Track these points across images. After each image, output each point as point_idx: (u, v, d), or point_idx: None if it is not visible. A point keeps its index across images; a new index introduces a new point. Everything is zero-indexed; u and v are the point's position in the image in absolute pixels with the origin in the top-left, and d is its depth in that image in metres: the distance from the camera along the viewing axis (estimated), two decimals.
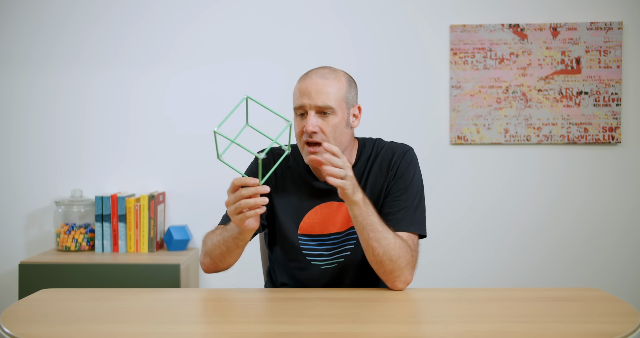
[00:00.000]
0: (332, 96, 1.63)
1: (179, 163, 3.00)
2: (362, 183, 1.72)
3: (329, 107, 1.63)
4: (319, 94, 1.62)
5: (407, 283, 1.62)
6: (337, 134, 1.65)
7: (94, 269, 2.63)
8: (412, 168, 1.72)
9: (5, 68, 3.01)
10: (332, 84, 1.64)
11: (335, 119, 1.64)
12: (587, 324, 1.34)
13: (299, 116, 1.66)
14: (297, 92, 1.66)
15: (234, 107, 1.47)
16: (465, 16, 2.93)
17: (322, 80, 1.64)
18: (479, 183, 2.96)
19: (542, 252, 2.95)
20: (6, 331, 1.31)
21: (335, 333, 1.28)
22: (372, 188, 1.73)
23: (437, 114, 2.95)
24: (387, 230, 1.58)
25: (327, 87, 1.63)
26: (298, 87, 1.66)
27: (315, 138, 1.62)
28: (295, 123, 1.67)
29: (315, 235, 1.73)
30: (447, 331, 1.31)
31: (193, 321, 1.39)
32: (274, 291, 1.71)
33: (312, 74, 1.66)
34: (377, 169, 1.73)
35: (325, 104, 1.62)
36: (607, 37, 2.88)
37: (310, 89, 1.63)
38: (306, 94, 1.63)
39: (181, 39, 2.99)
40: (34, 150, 3.02)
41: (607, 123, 2.89)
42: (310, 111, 1.63)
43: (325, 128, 1.63)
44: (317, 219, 1.73)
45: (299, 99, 1.64)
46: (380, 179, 1.72)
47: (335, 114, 1.64)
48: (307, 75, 1.67)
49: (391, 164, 1.72)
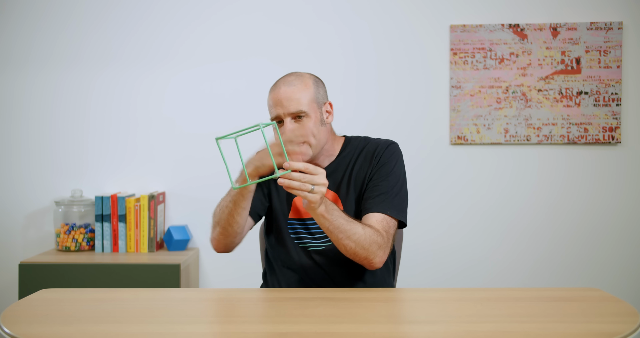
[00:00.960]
0: (303, 100, 1.74)
1: (179, 163, 3.00)
2: (347, 172, 1.82)
3: (302, 112, 1.73)
4: (290, 102, 1.73)
5: (382, 262, 1.69)
6: (315, 133, 1.75)
7: (94, 269, 2.63)
8: (394, 158, 1.81)
9: (5, 68, 3.01)
10: (300, 90, 1.75)
11: (309, 121, 1.74)
12: (587, 324, 1.34)
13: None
14: (270, 103, 1.76)
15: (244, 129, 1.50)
16: (465, 16, 2.93)
17: (290, 88, 1.74)
18: (479, 183, 2.96)
19: (542, 252, 2.95)
20: (6, 331, 1.31)
21: (335, 333, 1.28)
22: (357, 177, 1.82)
23: (437, 114, 2.95)
24: (354, 224, 1.64)
25: (295, 94, 1.73)
26: (270, 99, 1.76)
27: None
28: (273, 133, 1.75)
29: (303, 219, 1.83)
30: (447, 331, 1.31)
31: (193, 321, 1.39)
32: (274, 291, 1.71)
33: (280, 84, 1.77)
34: (362, 159, 1.83)
35: (297, 110, 1.73)
36: (607, 37, 2.88)
37: (281, 99, 1.73)
38: (278, 104, 1.73)
39: (181, 38, 2.99)
40: (34, 150, 3.02)
41: (607, 123, 2.89)
42: (285, 118, 1.73)
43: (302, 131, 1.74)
44: (302, 204, 1.81)
45: (273, 109, 1.75)
46: (364, 168, 1.82)
47: (309, 117, 1.74)
48: (275, 86, 1.77)
49: (375, 154, 1.82)
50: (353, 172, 1.82)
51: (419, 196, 2.94)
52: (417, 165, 2.95)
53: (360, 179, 1.82)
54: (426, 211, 2.95)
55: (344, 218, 1.63)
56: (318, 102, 1.78)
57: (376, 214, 1.72)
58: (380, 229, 1.69)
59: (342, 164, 1.84)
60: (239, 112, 2.98)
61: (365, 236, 1.64)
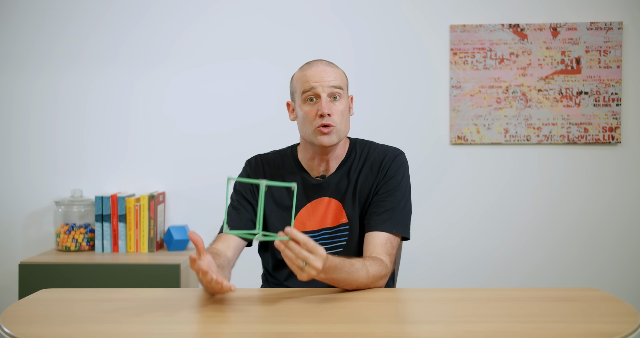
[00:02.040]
0: (340, 79, 1.71)
1: (179, 163, 3.00)
2: (352, 182, 1.77)
3: (340, 88, 1.69)
4: (329, 74, 1.68)
5: (385, 283, 1.66)
6: (344, 119, 1.71)
7: (94, 269, 2.63)
8: (401, 171, 1.77)
9: (5, 68, 3.01)
10: (336, 70, 1.72)
11: (343, 103, 1.70)
12: (587, 324, 1.33)
13: (307, 102, 1.70)
14: (303, 78, 1.69)
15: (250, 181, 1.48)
16: (465, 16, 2.93)
17: (328, 66, 1.71)
18: (479, 183, 2.96)
19: (542, 252, 2.95)
20: (6, 331, 1.31)
21: (335, 333, 1.28)
22: (362, 188, 1.76)
23: (437, 114, 2.95)
24: (356, 272, 1.57)
25: (333, 72, 1.70)
26: (305, 74, 1.70)
27: (329, 121, 1.67)
28: (305, 109, 1.70)
29: (306, 232, 1.76)
30: (447, 331, 1.31)
31: (193, 321, 1.39)
32: (273, 291, 1.71)
33: (316, 62, 1.72)
34: (367, 169, 1.77)
35: (337, 84, 1.69)
36: (607, 37, 2.88)
37: (320, 73, 1.68)
38: (316, 78, 1.67)
39: (181, 39, 2.99)
40: (34, 150, 3.02)
41: (607, 123, 2.89)
42: (322, 94, 1.67)
43: (336, 110, 1.69)
44: (307, 216, 1.77)
45: (307, 83, 1.68)
46: (369, 179, 1.76)
47: (342, 98, 1.71)
48: (310, 63, 1.72)
49: (381, 166, 1.76)
50: (358, 183, 1.76)
51: (419, 197, 2.93)
52: (417, 165, 2.95)
53: (365, 190, 1.76)
54: (426, 211, 2.95)
55: (346, 271, 1.54)
56: (348, 89, 1.77)
57: (381, 234, 1.69)
58: (383, 256, 1.66)
59: (347, 174, 1.78)
60: (238, 112, 2.98)
61: (369, 278, 1.59)
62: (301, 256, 1.40)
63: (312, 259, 1.41)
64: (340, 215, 1.76)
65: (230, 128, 2.98)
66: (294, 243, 1.41)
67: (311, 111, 1.69)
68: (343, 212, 1.76)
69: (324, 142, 1.68)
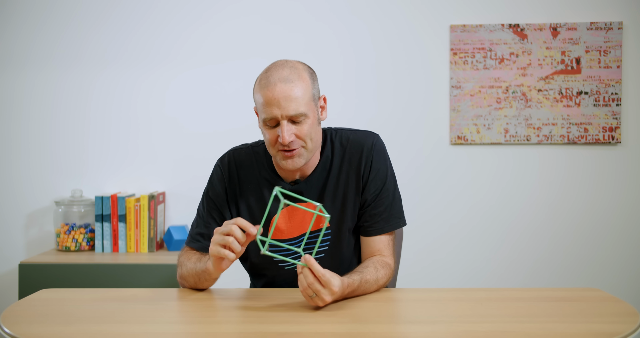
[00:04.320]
0: (301, 100, 1.54)
1: (179, 163, 3.00)
2: (332, 182, 1.68)
3: (302, 114, 1.55)
4: (288, 102, 1.53)
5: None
6: (313, 135, 1.59)
7: (94, 269, 2.63)
8: (382, 160, 1.69)
9: (5, 68, 3.01)
10: (298, 87, 1.55)
11: (307, 123, 1.57)
12: (587, 324, 1.34)
13: (267, 127, 1.58)
14: (262, 101, 1.55)
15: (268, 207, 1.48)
16: (465, 16, 2.93)
17: (288, 85, 1.53)
18: (479, 183, 2.96)
19: (542, 252, 2.95)
20: (6, 331, 1.31)
21: (335, 333, 1.28)
22: (344, 186, 1.68)
23: (437, 114, 2.95)
24: (368, 286, 1.56)
25: (294, 93, 1.53)
26: (263, 97, 1.54)
27: (292, 147, 1.57)
28: (267, 133, 1.58)
29: (284, 239, 1.69)
30: (447, 331, 1.31)
31: (193, 321, 1.39)
32: (273, 291, 1.71)
33: (275, 80, 1.54)
34: (347, 166, 1.69)
35: (297, 112, 1.54)
36: (607, 37, 2.87)
37: (278, 98, 1.52)
38: (275, 104, 1.53)
39: (181, 39, 2.99)
40: (34, 150, 3.02)
41: (607, 123, 2.89)
42: (282, 121, 1.54)
43: (300, 133, 1.56)
44: (284, 222, 1.68)
45: (267, 110, 1.54)
46: (352, 176, 1.68)
47: (308, 118, 1.57)
48: (268, 81, 1.55)
49: (362, 160, 1.67)
50: (339, 182, 1.68)
51: (419, 197, 2.94)
52: (417, 165, 2.95)
53: (349, 187, 1.68)
54: (426, 211, 2.95)
55: (360, 292, 1.54)
56: (315, 100, 1.60)
57: (383, 237, 1.68)
58: (389, 258, 1.66)
59: (325, 175, 1.68)
60: (238, 113, 2.98)
61: (379, 287, 1.61)
62: (313, 288, 1.41)
63: (323, 293, 1.41)
64: (318, 220, 1.66)
65: (229, 127, 2.98)
66: (308, 272, 1.41)
67: (272, 136, 1.57)
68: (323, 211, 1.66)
69: (288, 167, 1.59)
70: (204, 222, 1.72)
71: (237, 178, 1.72)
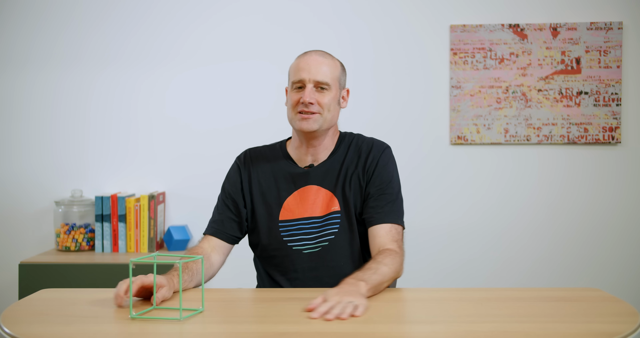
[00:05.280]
0: (329, 73, 1.76)
1: (179, 163, 3.00)
2: (342, 171, 1.80)
3: (326, 84, 1.75)
4: (318, 69, 1.74)
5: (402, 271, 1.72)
6: (331, 108, 1.77)
7: (94, 269, 2.63)
8: (391, 163, 1.83)
9: (5, 68, 3.01)
10: (329, 63, 1.77)
11: (329, 95, 1.76)
12: (587, 324, 1.34)
13: (295, 89, 1.76)
14: (295, 67, 1.77)
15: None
16: (465, 16, 2.93)
17: (321, 58, 1.76)
18: (479, 183, 2.96)
19: (542, 252, 2.95)
20: (6, 331, 1.31)
21: (335, 333, 1.28)
22: (352, 176, 1.79)
23: (437, 114, 2.95)
24: (383, 276, 1.60)
25: (324, 65, 1.76)
26: (297, 63, 1.77)
27: (311, 109, 1.74)
28: (291, 96, 1.77)
29: (295, 219, 1.78)
30: (447, 331, 1.31)
31: (192, 321, 1.39)
32: (273, 291, 1.71)
33: (311, 52, 1.78)
34: (355, 157, 1.82)
35: (323, 80, 1.74)
36: (607, 37, 2.88)
37: (310, 65, 1.74)
38: (306, 69, 1.74)
39: (181, 39, 2.99)
40: (34, 150, 3.02)
41: (607, 123, 2.89)
42: (308, 84, 1.74)
43: (321, 100, 1.75)
44: (295, 204, 1.79)
45: (297, 73, 1.75)
46: (359, 167, 1.80)
47: (330, 91, 1.76)
48: (305, 53, 1.79)
49: (370, 154, 1.81)
50: (348, 171, 1.80)
51: (418, 197, 2.94)
52: (416, 165, 2.95)
53: (356, 178, 1.79)
54: (426, 212, 2.95)
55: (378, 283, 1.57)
56: (340, 83, 1.81)
57: (385, 225, 1.74)
58: (393, 244, 1.71)
59: (336, 163, 1.81)
60: (238, 111, 2.99)
61: (393, 274, 1.63)
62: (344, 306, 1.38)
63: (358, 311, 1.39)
64: (332, 203, 1.77)
65: (229, 127, 2.98)
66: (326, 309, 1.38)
67: (295, 97, 1.75)
68: (335, 200, 1.78)
69: (303, 127, 1.74)
70: (218, 211, 1.85)
71: (253, 168, 1.85)
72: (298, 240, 1.78)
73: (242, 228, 1.84)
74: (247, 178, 1.84)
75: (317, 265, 1.77)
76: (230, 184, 1.85)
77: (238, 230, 1.83)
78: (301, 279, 1.78)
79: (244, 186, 1.83)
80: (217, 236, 1.81)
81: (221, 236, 1.81)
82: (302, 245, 1.78)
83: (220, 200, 1.86)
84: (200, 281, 1.70)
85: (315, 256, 1.77)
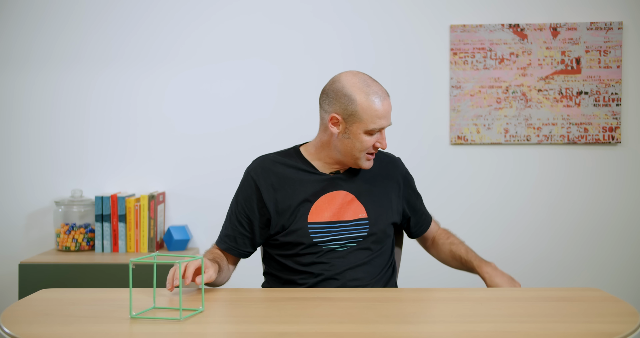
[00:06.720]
0: None
1: (179, 163, 3.00)
2: (368, 180, 1.86)
3: None
4: (390, 115, 1.78)
5: None
6: None
7: (94, 269, 2.63)
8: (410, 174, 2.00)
9: (5, 68, 3.01)
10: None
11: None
12: (587, 324, 1.34)
13: (367, 132, 1.74)
14: (374, 114, 1.72)
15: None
16: (465, 16, 2.93)
17: (390, 101, 1.78)
18: (479, 183, 2.96)
19: (542, 252, 2.95)
20: (6, 331, 1.31)
21: (335, 333, 1.28)
22: (380, 187, 1.87)
23: (437, 114, 2.95)
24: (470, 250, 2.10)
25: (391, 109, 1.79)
26: (376, 110, 1.72)
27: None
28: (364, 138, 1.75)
29: (324, 222, 1.79)
30: (447, 331, 1.31)
31: (192, 321, 1.39)
32: (274, 291, 1.71)
33: (384, 94, 1.75)
34: (381, 170, 1.90)
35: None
36: (607, 37, 2.88)
37: (388, 111, 1.76)
38: (386, 117, 1.75)
39: (181, 39, 2.99)
40: (34, 150, 3.02)
41: (607, 123, 2.89)
42: (384, 130, 1.78)
43: None
44: (326, 207, 1.80)
45: (379, 121, 1.74)
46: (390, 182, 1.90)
47: None
48: (379, 96, 1.73)
49: (398, 170, 1.95)
50: (376, 182, 1.87)
51: None
52: (416, 165, 2.94)
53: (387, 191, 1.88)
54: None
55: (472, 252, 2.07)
56: None
57: (433, 223, 2.11)
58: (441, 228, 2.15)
59: (362, 173, 1.87)
60: (238, 112, 2.99)
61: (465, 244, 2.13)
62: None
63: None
64: (358, 209, 1.81)
65: (229, 127, 2.98)
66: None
67: (370, 141, 1.75)
68: (361, 207, 1.81)
69: (366, 167, 1.80)
70: (231, 225, 1.84)
71: (269, 178, 1.82)
72: (328, 241, 1.78)
73: (255, 243, 1.84)
74: (265, 188, 1.80)
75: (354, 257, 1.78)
76: (245, 199, 1.83)
77: (250, 246, 1.84)
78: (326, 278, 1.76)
79: (264, 197, 1.80)
80: (230, 252, 1.84)
81: (234, 252, 1.84)
82: (333, 244, 1.78)
83: (234, 214, 1.84)
84: (225, 278, 1.78)
85: (349, 250, 1.78)
